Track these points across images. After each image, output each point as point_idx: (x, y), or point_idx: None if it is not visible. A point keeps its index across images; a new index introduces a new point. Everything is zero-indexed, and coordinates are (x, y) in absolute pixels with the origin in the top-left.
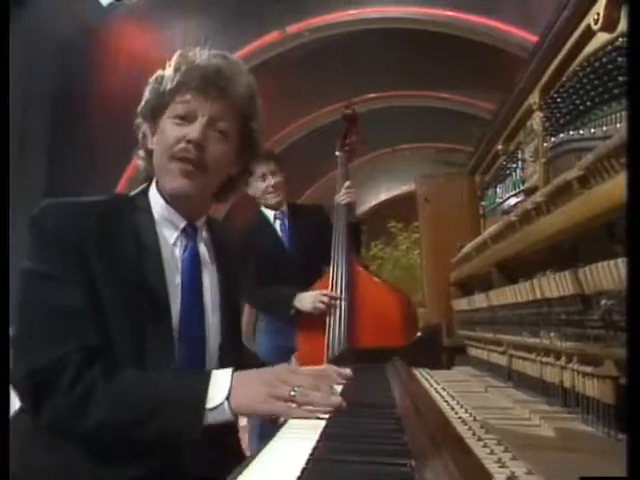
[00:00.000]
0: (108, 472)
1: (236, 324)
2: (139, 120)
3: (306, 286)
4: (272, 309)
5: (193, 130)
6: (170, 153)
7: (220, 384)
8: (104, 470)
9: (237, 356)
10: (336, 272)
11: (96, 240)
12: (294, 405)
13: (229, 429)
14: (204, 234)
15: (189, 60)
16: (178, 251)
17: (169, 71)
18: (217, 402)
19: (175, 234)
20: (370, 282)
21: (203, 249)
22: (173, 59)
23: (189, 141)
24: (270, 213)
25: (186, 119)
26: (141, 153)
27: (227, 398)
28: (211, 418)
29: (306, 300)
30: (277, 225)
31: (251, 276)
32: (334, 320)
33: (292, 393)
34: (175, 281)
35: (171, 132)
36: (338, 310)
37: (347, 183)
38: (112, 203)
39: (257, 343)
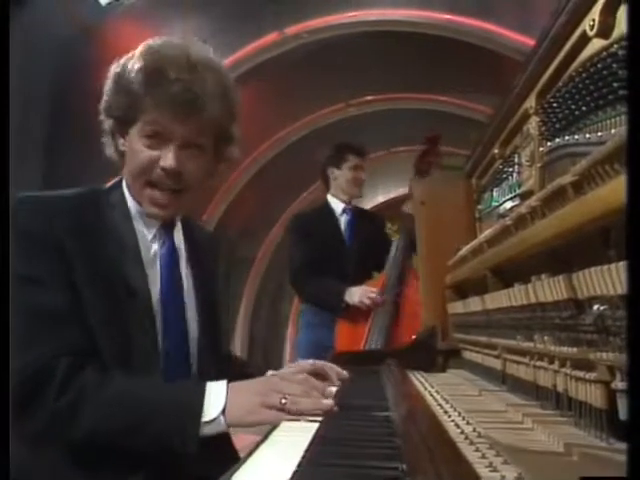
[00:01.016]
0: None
1: (215, 320)
2: (103, 117)
3: (357, 284)
4: (323, 301)
5: (167, 157)
6: (145, 179)
7: (215, 397)
8: (94, 477)
9: (218, 350)
10: (390, 273)
11: (75, 236)
12: (285, 413)
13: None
14: (178, 230)
15: (155, 72)
16: (156, 246)
17: (135, 80)
18: (213, 416)
19: (152, 230)
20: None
21: (179, 244)
22: (136, 61)
23: (163, 169)
24: (339, 206)
25: (157, 138)
26: (109, 143)
27: (222, 411)
28: (206, 430)
29: (355, 294)
30: (343, 219)
31: (303, 264)
32: (378, 318)
33: (283, 401)
34: (154, 276)
35: (143, 154)
36: (384, 309)
37: None
38: (87, 197)
39: (298, 338)
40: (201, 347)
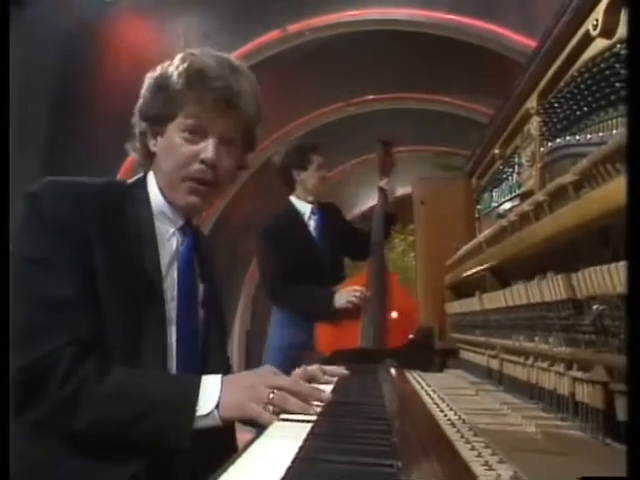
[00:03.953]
0: (95, 470)
1: (221, 320)
2: (137, 119)
3: (333, 284)
4: (312, 311)
5: (207, 150)
6: (184, 173)
7: (210, 391)
8: (92, 468)
9: (223, 349)
10: (373, 268)
11: (100, 227)
12: (272, 408)
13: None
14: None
15: (196, 72)
16: (173, 245)
17: (177, 80)
18: (207, 410)
19: (171, 229)
20: (395, 284)
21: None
22: (179, 64)
23: (203, 161)
24: (305, 208)
25: (196, 134)
26: (137, 146)
27: (217, 406)
28: (201, 424)
29: (341, 296)
30: (312, 220)
31: (277, 273)
32: (368, 315)
33: (271, 395)
34: (170, 274)
35: (182, 149)
36: (372, 306)
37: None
38: (114, 190)
39: (270, 337)
40: (209, 346)
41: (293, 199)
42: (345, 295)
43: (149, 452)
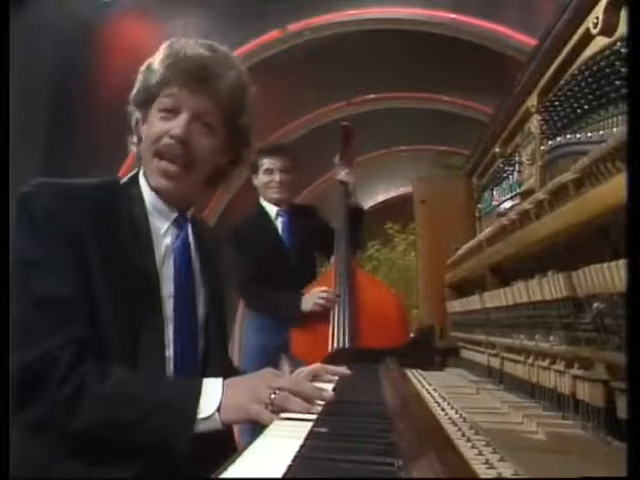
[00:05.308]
0: (95, 472)
1: (222, 317)
2: (131, 107)
3: (301, 285)
4: (278, 315)
5: (177, 125)
6: (154, 149)
7: (212, 394)
8: (90, 470)
9: (224, 347)
10: (338, 267)
11: (93, 226)
12: (274, 409)
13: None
14: (189, 228)
15: (175, 53)
16: (169, 241)
17: (156, 63)
18: (209, 413)
19: (166, 224)
20: (367, 279)
21: (191, 240)
22: (161, 49)
23: (172, 137)
24: (272, 209)
25: (171, 112)
26: (134, 139)
27: (218, 409)
28: (201, 427)
29: (308, 301)
30: (279, 222)
31: (249, 275)
32: (338, 317)
33: (272, 396)
34: (167, 271)
35: (156, 126)
36: (341, 306)
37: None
38: (107, 189)
39: (245, 342)
40: (209, 343)
41: (262, 201)
42: (311, 298)
43: (149, 454)
